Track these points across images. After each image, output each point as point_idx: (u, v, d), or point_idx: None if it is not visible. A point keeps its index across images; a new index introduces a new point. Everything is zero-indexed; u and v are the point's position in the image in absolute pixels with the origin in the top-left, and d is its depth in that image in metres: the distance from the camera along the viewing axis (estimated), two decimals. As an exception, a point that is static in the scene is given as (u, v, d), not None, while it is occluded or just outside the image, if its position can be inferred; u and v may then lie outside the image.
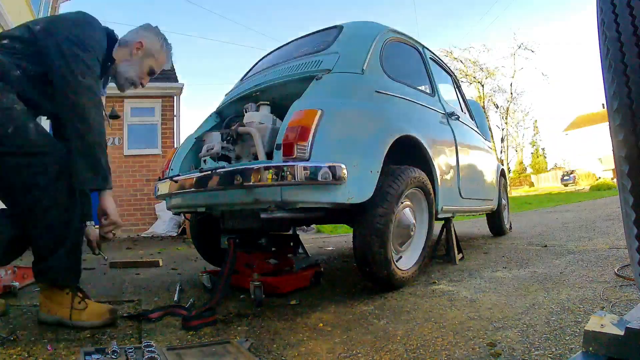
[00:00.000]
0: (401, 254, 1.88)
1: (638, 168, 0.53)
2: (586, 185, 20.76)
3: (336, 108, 1.61)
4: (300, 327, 1.32)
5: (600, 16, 0.59)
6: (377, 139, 1.67)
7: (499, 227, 3.65)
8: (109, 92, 1.62)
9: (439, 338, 1.14)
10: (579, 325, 1.14)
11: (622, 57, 0.54)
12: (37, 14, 7.13)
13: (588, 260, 2.13)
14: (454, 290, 1.71)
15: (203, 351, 1.08)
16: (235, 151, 1.89)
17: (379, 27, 2.13)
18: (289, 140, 1.44)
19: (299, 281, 1.86)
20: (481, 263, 2.32)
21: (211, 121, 2.34)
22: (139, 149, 6.94)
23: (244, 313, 1.51)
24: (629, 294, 1.41)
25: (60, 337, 1.24)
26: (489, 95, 21.54)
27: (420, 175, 1.86)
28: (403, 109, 2.01)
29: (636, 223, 0.55)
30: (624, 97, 0.53)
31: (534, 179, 37.06)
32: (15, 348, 1.14)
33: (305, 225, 3.38)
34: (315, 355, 1.07)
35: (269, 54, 2.61)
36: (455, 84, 3.11)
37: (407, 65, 2.47)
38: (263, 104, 1.93)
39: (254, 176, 1.39)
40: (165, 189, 1.87)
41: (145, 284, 2.19)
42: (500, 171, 3.58)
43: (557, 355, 0.96)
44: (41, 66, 1.29)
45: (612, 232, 3.19)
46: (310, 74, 1.83)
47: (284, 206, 1.46)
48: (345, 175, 1.45)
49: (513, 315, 1.30)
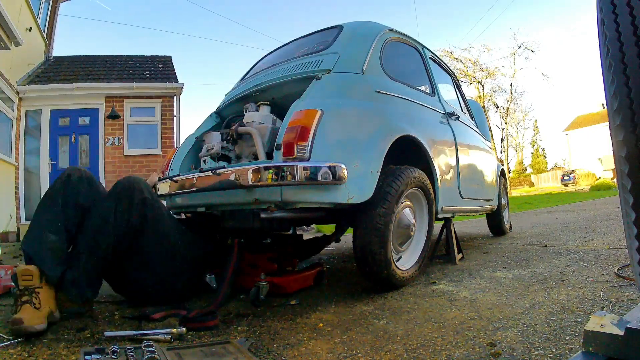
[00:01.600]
0: (401, 254, 1.88)
1: (638, 168, 0.53)
2: (586, 185, 20.77)
3: (336, 108, 1.61)
4: (300, 327, 1.32)
5: (600, 16, 0.59)
6: (377, 139, 1.67)
7: (499, 227, 3.64)
8: (110, 91, 1.63)
9: (439, 338, 1.14)
10: (579, 325, 1.14)
11: (622, 57, 0.54)
12: (37, 14, 7.13)
13: (588, 260, 2.13)
14: (454, 290, 1.71)
15: (203, 351, 1.08)
16: (235, 151, 1.89)
17: (379, 27, 2.13)
18: (289, 140, 1.44)
19: (304, 281, 1.85)
20: (481, 263, 2.32)
21: (211, 121, 2.34)
22: (139, 149, 6.94)
23: (244, 313, 1.51)
24: (629, 294, 1.41)
25: (61, 337, 1.24)
26: (489, 95, 21.53)
27: (421, 175, 1.86)
28: (403, 109, 2.01)
29: (636, 223, 0.55)
30: (624, 97, 0.53)
31: (534, 179, 37.05)
32: (15, 348, 1.13)
33: (305, 225, 3.37)
34: (315, 355, 1.07)
35: (269, 54, 2.61)
36: (455, 83, 3.11)
37: (407, 65, 2.47)
38: (263, 104, 1.93)
39: (254, 176, 1.39)
40: (166, 189, 1.87)
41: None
42: (500, 171, 3.58)
43: (557, 355, 0.96)
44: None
45: (612, 232, 3.19)
46: (310, 73, 1.83)
47: (284, 206, 1.46)
48: (345, 175, 1.45)
49: (513, 315, 1.30)
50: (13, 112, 6.17)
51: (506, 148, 21.99)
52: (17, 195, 6.17)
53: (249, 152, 1.84)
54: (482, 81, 21.11)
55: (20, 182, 6.25)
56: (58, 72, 7.19)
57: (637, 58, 0.52)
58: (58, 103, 6.61)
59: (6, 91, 5.90)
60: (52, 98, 6.55)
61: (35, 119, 6.62)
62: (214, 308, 1.49)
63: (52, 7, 8.11)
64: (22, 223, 6.05)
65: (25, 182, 6.38)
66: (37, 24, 7.14)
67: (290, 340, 1.20)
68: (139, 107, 7.02)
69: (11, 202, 6.02)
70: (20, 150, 6.29)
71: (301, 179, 1.36)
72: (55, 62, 7.72)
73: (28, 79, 6.69)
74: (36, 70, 7.11)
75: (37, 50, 7.44)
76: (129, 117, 6.93)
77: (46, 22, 7.92)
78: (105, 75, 7.11)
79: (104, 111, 6.71)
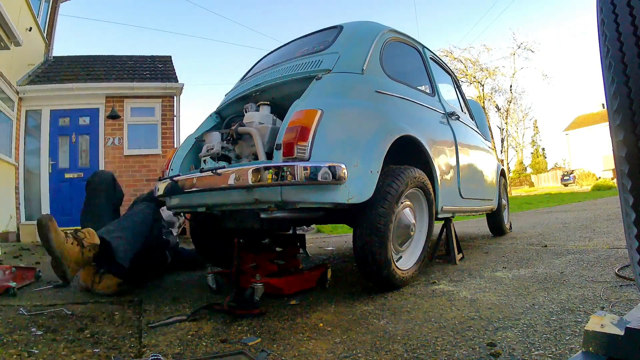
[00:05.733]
0: (401, 254, 1.88)
1: (638, 168, 0.53)
2: (587, 185, 20.75)
3: (336, 108, 1.60)
4: (300, 327, 1.32)
5: (600, 16, 0.59)
6: (377, 139, 1.67)
7: (499, 227, 3.65)
8: (109, 91, 1.63)
9: (439, 338, 1.14)
10: (579, 325, 1.14)
11: (622, 57, 0.54)
12: (37, 14, 7.13)
13: (588, 260, 2.13)
14: (454, 290, 1.71)
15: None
16: (235, 151, 1.89)
17: (379, 27, 2.13)
18: (289, 140, 1.44)
19: (304, 283, 1.82)
20: (481, 263, 2.32)
21: (211, 121, 2.34)
22: (139, 149, 6.93)
23: (244, 313, 1.50)
24: (629, 294, 1.41)
25: (60, 337, 1.24)
26: (489, 95, 21.51)
27: (421, 175, 1.86)
28: (403, 108, 2.01)
29: (636, 223, 0.55)
30: (624, 97, 0.53)
31: (534, 179, 37.04)
32: (16, 348, 1.14)
33: (305, 225, 3.38)
34: (315, 355, 1.07)
35: (269, 54, 2.61)
36: (455, 83, 3.11)
37: (407, 65, 2.47)
38: (263, 104, 1.93)
39: (253, 176, 1.39)
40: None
41: (146, 283, 2.19)
42: (500, 171, 3.58)
43: (557, 355, 0.96)
44: None
45: (612, 232, 3.19)
46: (310, 73, 1.83)
47: (284, 206, 1.46)
48: (345, 175, 1.45)
49: (513, 315, 1.30)
50: (13, 112, 6.17)
51: (506, 148, 21.97)
52: (17, 195, 6.17)
53: (249, 152, 1.84)
54: (482, 81, 21.10)
55: (20, 182, 6.25)
56: (58, 72, 7.18)
57: (637, 58, 0.52)
58: (58, 103, 6.60)
59: (6, 91, 5.89)
60: (52, 98, 6.54)
61: (35, 119, 6.61)
62: (225, 308, 1.49)
63: (52, 7, 8.10)
64: (22, 223, 6.04)
65: (25, 182, 6.38)
66: (37, 24, 7.13)
67: (290, 340, 1.19)
68: (139, 107, 7.01)
69: (11, 202, 6.01)
70: (20, 150, 6.28)
71: (301, 179, 1.36)
72: (55, 62, 7.71)
73: (28, 79, 6.69)
74: (36, 70, 7.11)
75: (37, 50, 7.44)
76: (129, 117, 6.92)
77: (46, 22, 7.91)
78: (105, 75, 7.10)
79: (104, 111, 6.70)
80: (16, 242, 5.45)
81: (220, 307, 1.51)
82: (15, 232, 5.80)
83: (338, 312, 1.47)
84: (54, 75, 7.01)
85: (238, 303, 1.52)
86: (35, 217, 6.28)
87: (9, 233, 5.59)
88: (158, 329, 1.33)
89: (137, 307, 1.66)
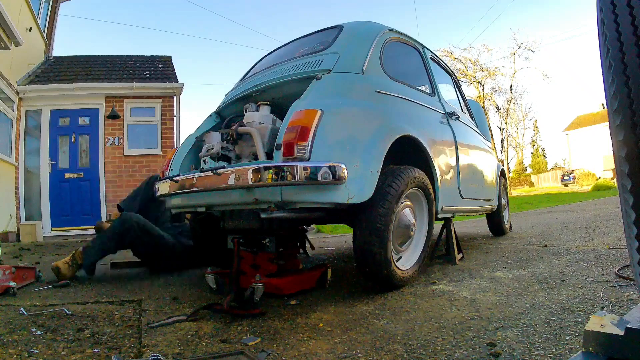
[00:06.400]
0: (401, 254, 1.88)
1: (638, 168, 0.53)
2: (587, 185, 20.75)
3: (336, 108, 1.60)
4: (300, 327, 1.32)
5: (600, 16, 0.59)
6: (377, 139, 1.67)
7: (499, 227, 3.64)
8: (109, 91, 1.63)
9: (439, 338, 1.14)
10: (579, 325, 1.14)
11: (622, 57, 0.54)
12: (37, 14, 7.13)
13: (588, 260, 2.13)
14: (454, 290, 1.71)
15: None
16: (235, 151, 1.89)
17: (379, 27, 2.13)
18: (289, 140, 1.44)
19: (303, 283, 1.82)
20: (481, 263, 2.32)
21: (211, 121, 2.34)
22: (139, 149, 6.93)
23: (244, 313, 1.50)
24: (629, 294, 1.41)
25: (60, 337, 1.24)
26: (489, 95, 21.50)
27: (421, 175, 1.86)
28: (403, 108, 2.01)
29: (636, 223, 0.55)
30: (624, 97, 0.53)
31: (534, 179, 37.03)
32: (16, 348, 1.14)
33: (305, 225, 3.37)
34: (315, 355, 1.07)
35: (269, 54, 2.61)
36: (455, 83, 3.11)
37: (407, 65, 2.47)
38: (263, 104, 1.93)
39: (253, 176, 1.39)
40: (166, 189, 1.87)
41: (146, 283, 2.19)
42: (500, 171, 3.58)
43: (557, 355, 0.96)
44: None
45: (612, 232, 3.19)
46: (310, 73, 1.83)
47: (284, 206, 1.46)
48: (345, 175, 1.45)
49: (513, 315, 1.30)
50: (13, 112, 6.17)
51: (506, 148, 21.97)
52: (17, 195, 6.17)
53: (249, 152, 1.84)
54: (482, 81, 21.09)
55: (20, 182, 6.25)
56: (58, 72, 7.18)
57: (637, 58, 0.52)
58: (58, 103, 6.60)
59: (6, 91, 5.89)
60: (52, 98, 6.54)
61: (35, 119, 6.61)
62: (225, 308, 1.49)
63: (52, 7, 8.10)
64: (22, 223, 6.04)
65: (25, 182, 6.38)
66: (37, 24, 7.13)
67: (290, 340, 1.19)
68: (139, 107, 7.01)
69: (11, 202, 6.01)
70: (20, 150, 6.28)
71: (301, 179, 1.36)
72: (55, 62, 7.71)
73: (28, 79, 6.69)
74: (36, 70, 7.11)
75: (37, 50, 7.44)
76: (129, 117, 6.92)
77: (46, 22, 7.91)
78: (105, 75, 7.10)
79: (104, 111, 6.70)
80: (16, 242, 5.45)
81: (220, 307, 1.51)
82: (15, 232, 5.80)
83: (338, 312, 1.47)
84: (54, 75, 7.01)
85: (238, 303, 1.51)
86: (35, 217, 6.29)
87: (8, 233, 5.59)
88: (158, 329, 1.34)
89: (137, 307, 1.66)
